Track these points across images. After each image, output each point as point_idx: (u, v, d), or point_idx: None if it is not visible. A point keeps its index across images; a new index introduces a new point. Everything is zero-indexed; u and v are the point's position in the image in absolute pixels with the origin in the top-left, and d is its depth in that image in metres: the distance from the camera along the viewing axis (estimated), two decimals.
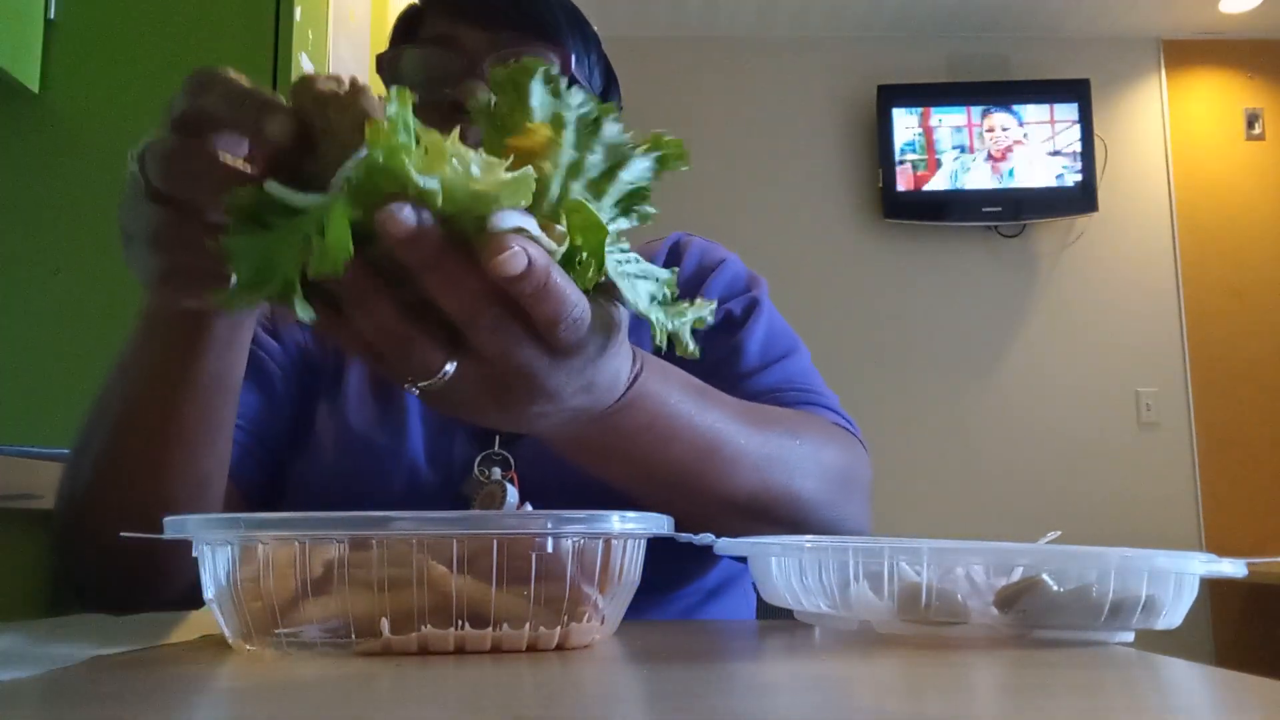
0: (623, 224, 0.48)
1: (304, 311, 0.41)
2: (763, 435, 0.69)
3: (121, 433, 0.65)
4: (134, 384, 0.64)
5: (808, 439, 0.73)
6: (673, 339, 0.50)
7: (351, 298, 0.43)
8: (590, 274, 0.45)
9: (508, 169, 0.42)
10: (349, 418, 0.84)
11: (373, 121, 0.40)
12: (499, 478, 0.78)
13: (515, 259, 0.41)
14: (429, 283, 0.42)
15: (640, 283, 0.48)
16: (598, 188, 0.46)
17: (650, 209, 0.48)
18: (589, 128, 0.46)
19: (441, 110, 0.81)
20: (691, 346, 0.50)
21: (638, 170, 0.47)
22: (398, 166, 0.39)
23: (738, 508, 0.67)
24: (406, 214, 0.40)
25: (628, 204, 0.47)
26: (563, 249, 0.44)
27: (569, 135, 0.45)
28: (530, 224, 0.43)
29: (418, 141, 0.41)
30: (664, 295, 0.49)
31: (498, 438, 0.81)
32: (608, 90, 0.93)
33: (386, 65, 0.87)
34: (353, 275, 0.41)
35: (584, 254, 0.45)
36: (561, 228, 0.44)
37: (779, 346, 0.88)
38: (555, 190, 0.45)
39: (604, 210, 0.46)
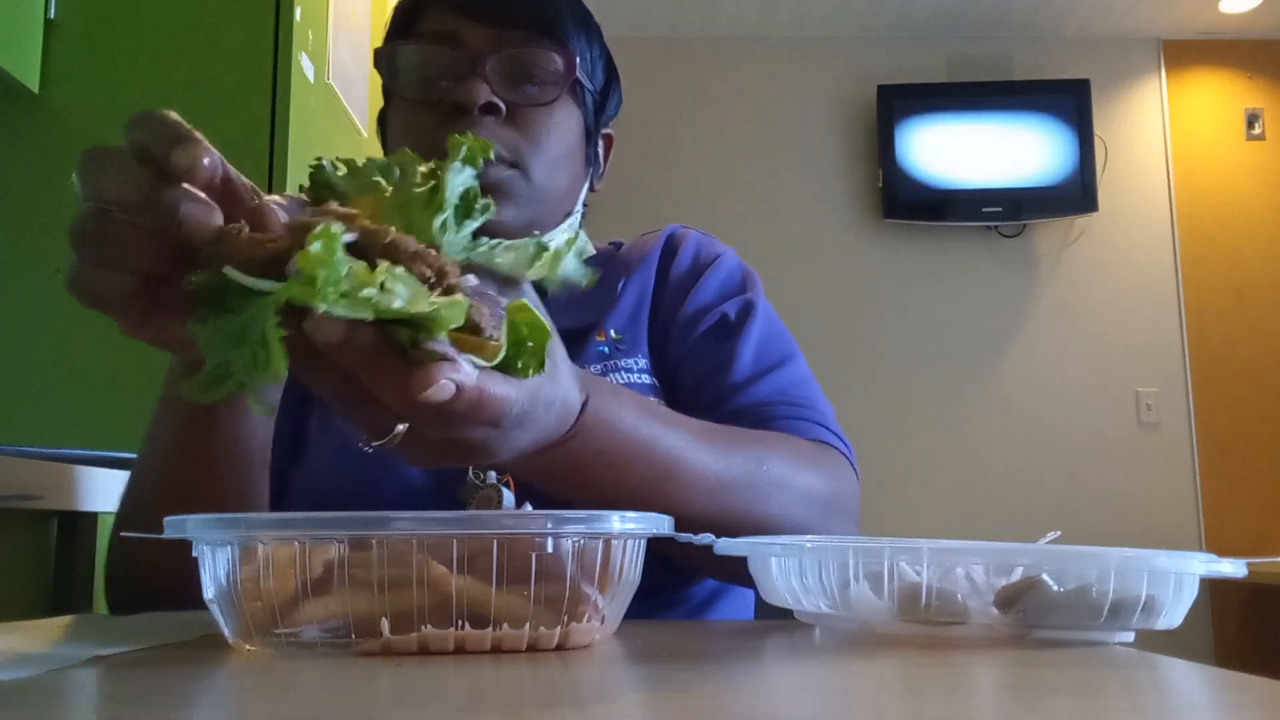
0: (473, 225, 0.49)
1: (259, 409, 0.45)
2: (727, 459, 0.68)
3: (157, 488, 0.70)
4: (162, 450, 0.69)
5: (781, 462, 0.73)
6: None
7: (301, 370, 0.44)
8: (533, 369, 0.46)
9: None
10: (341, 423, 0.83)
11: (302, 254, 0.40)
12: (494, 481, 0.77)
13: (441, 390, 0.42)
14: (367, 380, 0.43)
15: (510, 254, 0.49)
16: (432, 217, 0.47)
17: (487, 201, 0.49)
18: (400, 180, 0.48)
19: (441, 110, 0.80)
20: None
21: (458, 181, 0.48)
22: (309, 299, 0.40)
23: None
24: (335, 325, 0.41)
25: (467, 209, 0.48)
26: (498, 359, 0.45)
27: (389, 196, 0.46)
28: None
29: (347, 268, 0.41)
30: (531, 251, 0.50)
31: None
32: (609, 85, 0.92)
33: (383, 61, 0.85)
34: (300, 350, 0.41)
35: (525, 355, 0.46)
36: (495, 342, 0.44)
37: (774, 353, 0.87)
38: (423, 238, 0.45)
39: (461, 229, 0.48)
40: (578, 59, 0.83)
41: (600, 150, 0.94)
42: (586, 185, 0.91)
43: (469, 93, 0.79)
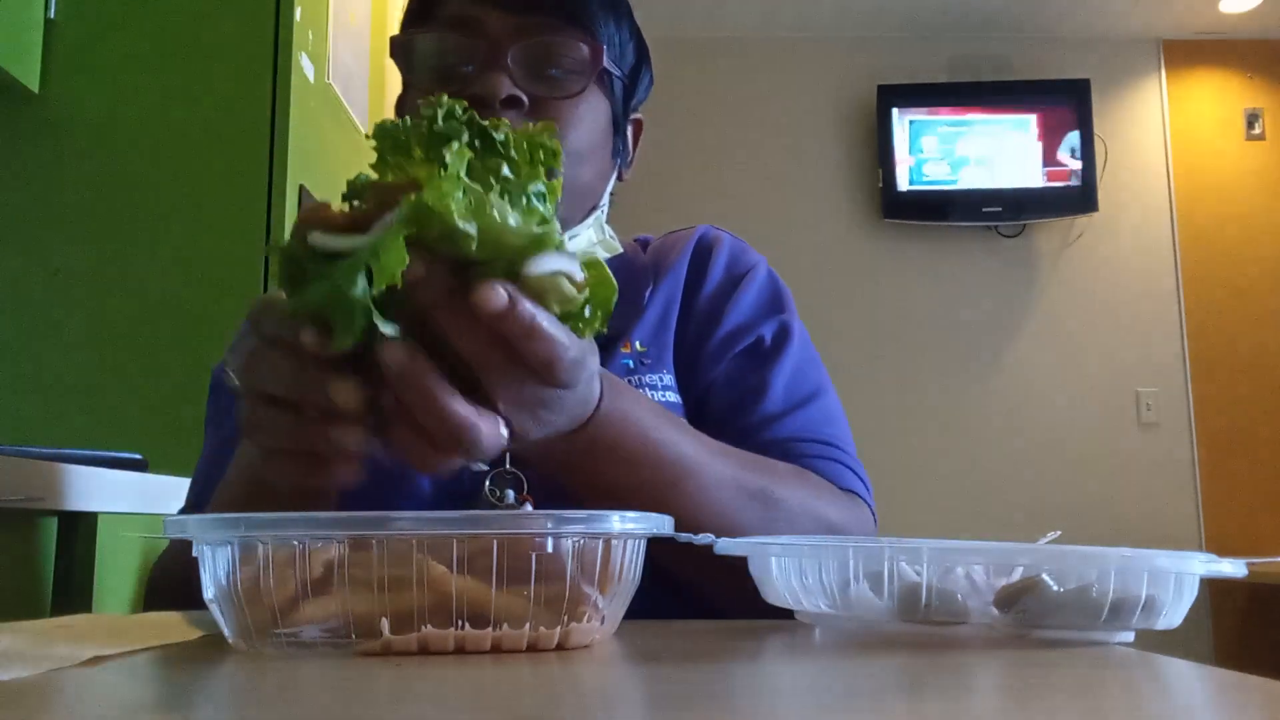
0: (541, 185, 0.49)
1: (387, 326, 0.46)
2: (740, 474, 0.68)
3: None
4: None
5: (797, 487, 0.73)
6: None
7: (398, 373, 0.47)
8: (596, 325, 0.50)
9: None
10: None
11: (430, 170, 0.45)
12: (512, 500, 0.74)
13: (496, 296, 0.45)
14: (441, 319, 0.47)
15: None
16: (510, 189, 0.48)
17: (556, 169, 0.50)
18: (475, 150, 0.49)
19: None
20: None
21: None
22: (444, 210, 0.44)
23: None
24: (415, 264, 0.45)
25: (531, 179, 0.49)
26: (583, 296, 0.48)
27: (454, 164, 0.47)
28: (568, 264, 0.47)
29: (464, 192, 0.45)
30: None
31: (508, 456, 0.76)
32: (639, 66, 0.87)
33: (400, 51, 0.80)
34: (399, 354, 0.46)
35: (592, 307, 0.49)
36: (579, 283, 0.48)
37: (807, 384, 0.84)
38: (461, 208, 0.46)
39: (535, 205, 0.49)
40: (605, 47, 0.79)
41: (629, 137, 0.89)
42: (614, 175, 0.87)
43: (491, 85, 0.74)
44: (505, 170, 0.47)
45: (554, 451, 0.58)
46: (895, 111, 3.89)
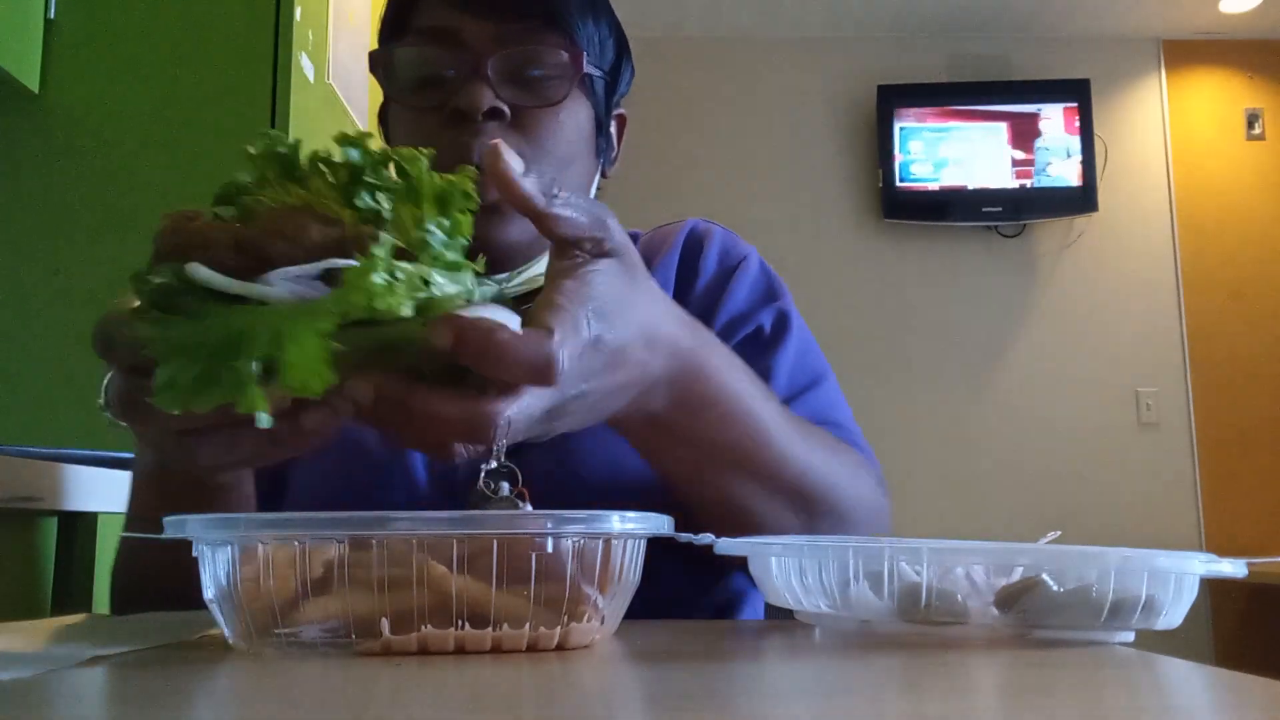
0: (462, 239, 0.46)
1: (264, 418, 0.39)
2: (810, 437, 0.70)
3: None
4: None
5: (847, 461, 0.74)
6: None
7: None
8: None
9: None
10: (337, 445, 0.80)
11: (359, 268, 0.40)
12: (508, 493, 0.73)
13: (444, 331, 0.42)
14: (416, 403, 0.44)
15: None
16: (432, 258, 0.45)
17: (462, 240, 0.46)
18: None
19: (443, 117, 0.76)
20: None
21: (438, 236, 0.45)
22: (387, 307, 0.40)
23: (791, 494, 0.67)
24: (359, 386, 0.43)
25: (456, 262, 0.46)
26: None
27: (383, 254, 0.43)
28: (506, 317, 0.44)
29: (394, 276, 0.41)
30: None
31: (501, 451, 0.77)
32: (619, 62, 0.86)
33: (379, 65, 0.80)
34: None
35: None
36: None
37: (809, 370, 0.85)
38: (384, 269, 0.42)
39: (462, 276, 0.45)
40: (585, 51, 0.78)
41: (612, 134, 0.88)
42: (598, 174, 0.86)
43: (472, 97, 0.74)
44: (429, 225, 0.44)
45: (653, 408, 0.57)
46: (895, 111, 3.89)
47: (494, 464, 0.73)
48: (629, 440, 0.63)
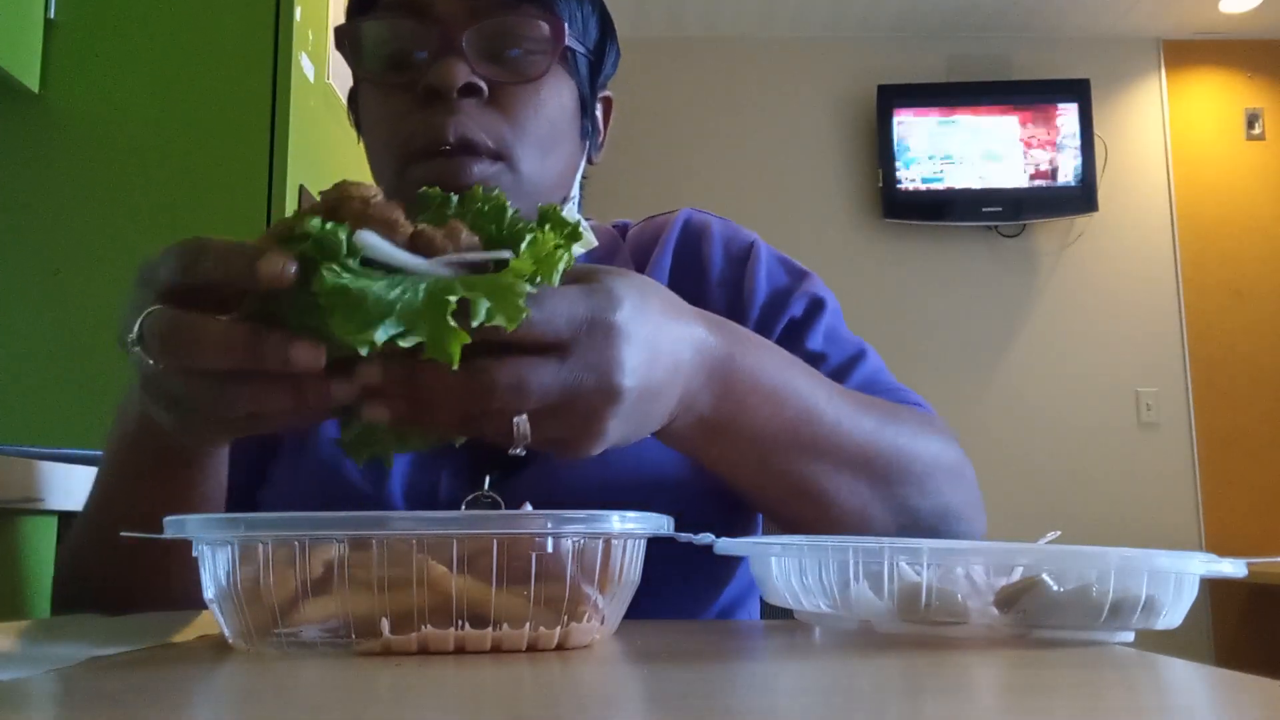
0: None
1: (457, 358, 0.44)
2: (865, 406, 0.69)
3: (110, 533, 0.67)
4: (125, 500, 0.67)
5: (909, 420, 0.73)
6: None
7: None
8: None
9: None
10: (320, 449, 0.76)
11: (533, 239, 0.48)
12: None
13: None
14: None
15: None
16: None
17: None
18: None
19: (416, 94, 0.71)
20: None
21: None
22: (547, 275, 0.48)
23: (859, 466, 0.66)
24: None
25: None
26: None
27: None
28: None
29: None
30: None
31: (488, 477, 0.72)
32: (604, 41, 0.81)
33: (346, 41, 0.75)
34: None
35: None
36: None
37: (850, 344, 0.84)
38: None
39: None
40: (566, 23, 0.73)
41: (598, 117, 0.83)
42: (584, 159, 0.82)
43: (446, 74, 0.69)
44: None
45: (700, 404, 0.58)
46: (895, 111, 3.89)
47: (493, 477, 0.73)
48: (689, 452, 0.62)
